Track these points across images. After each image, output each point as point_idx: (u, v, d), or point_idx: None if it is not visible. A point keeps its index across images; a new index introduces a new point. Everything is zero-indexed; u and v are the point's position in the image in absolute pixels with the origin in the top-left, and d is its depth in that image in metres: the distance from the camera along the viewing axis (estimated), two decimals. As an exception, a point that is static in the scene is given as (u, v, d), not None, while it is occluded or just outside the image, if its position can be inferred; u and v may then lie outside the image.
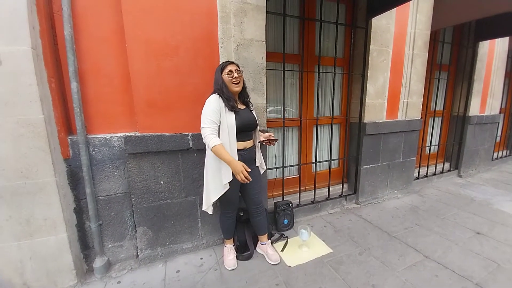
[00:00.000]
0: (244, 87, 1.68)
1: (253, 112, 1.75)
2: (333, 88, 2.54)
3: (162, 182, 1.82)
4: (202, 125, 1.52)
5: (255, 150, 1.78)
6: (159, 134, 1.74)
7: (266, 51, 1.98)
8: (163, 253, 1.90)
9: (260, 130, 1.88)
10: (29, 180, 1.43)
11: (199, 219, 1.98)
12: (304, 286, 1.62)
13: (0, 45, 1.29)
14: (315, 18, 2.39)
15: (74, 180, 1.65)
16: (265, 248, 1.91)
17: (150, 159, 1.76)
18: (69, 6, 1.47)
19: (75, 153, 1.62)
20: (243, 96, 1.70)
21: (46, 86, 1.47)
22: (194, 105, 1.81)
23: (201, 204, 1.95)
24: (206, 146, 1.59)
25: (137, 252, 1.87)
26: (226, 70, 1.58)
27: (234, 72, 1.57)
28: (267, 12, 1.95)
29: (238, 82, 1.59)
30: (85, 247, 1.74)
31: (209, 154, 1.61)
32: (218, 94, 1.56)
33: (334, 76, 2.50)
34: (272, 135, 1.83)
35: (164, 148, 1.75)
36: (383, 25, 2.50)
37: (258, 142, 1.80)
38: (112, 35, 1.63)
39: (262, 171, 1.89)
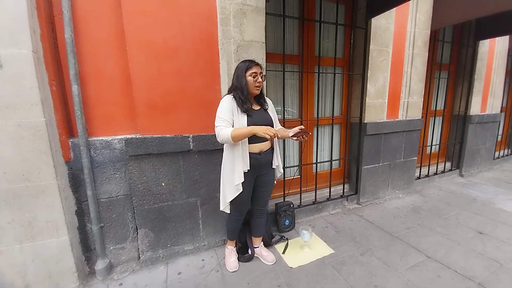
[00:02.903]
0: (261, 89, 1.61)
1: (269, 111, 1.66)
2: (333, 88, 2.54)
3: (163, 184, 1.82)
4: (215, 125, 1.49)
5: (273, 152, 1.69)
6: (160, 136, 1.74)
7: (266, 52, 1.99)
8: (165, 255, 1.90)
9: (285, 127, 1.75)
10: (30, 183, 1.44)
11: (200, 221, 1.98)
12: (306, 287, 1.62)
13: (1, 48, 1.29)
14: (315, 19, 2.39)
15: (76, 182, 1.66)
16: (259, 250, 1.91)
17: (151, 161, 1.76)
18: (69, 10, 1.48)
19: (76, 155, 1.62)
20: (259, 97, 1.63)
21: (47, 89, 1.47)
22: (194, 107, 1.81)
23: (202, 205, 1.96)
24: (225, 143, 1.52)
25: (139, 254, 1.87)
26: (251, 71, 1.49)
27: (258, 75, 1.51)
28: (266, 14, 1.95)
29: (260, 86, 1.54)
30: (86, 249, 1.74)
31: (225, 155, 1.58)
32: (232, 96, 1.52)
33: (334, 77, 2.50)
34: (303, 127, 1.54)
35: (165, 150, 1.76)
36: (383, 25, 2.50)
37: (290, 138, 1.57)
38: (112, 38, 1.63)
39: (279, 175, 1.81)
